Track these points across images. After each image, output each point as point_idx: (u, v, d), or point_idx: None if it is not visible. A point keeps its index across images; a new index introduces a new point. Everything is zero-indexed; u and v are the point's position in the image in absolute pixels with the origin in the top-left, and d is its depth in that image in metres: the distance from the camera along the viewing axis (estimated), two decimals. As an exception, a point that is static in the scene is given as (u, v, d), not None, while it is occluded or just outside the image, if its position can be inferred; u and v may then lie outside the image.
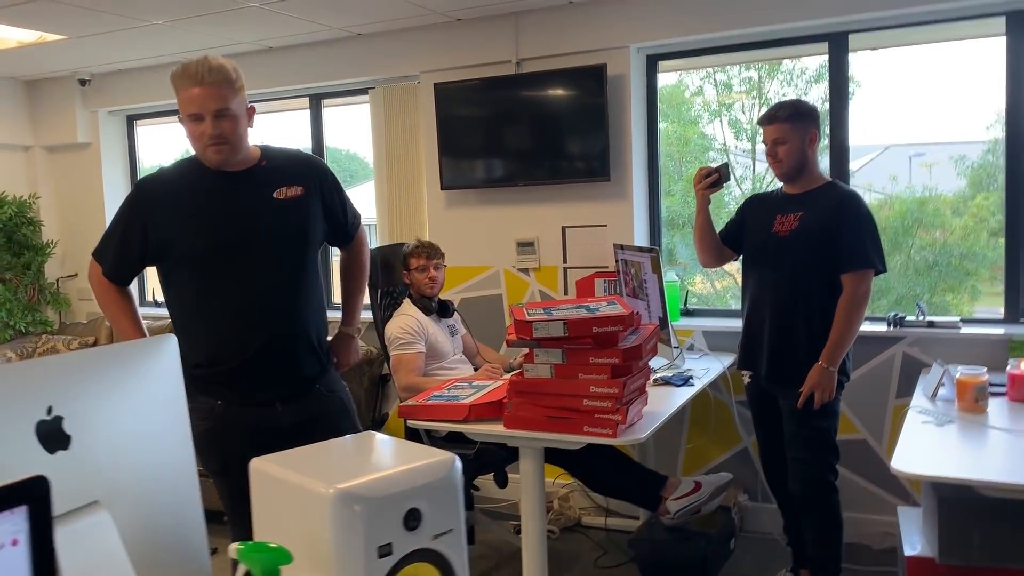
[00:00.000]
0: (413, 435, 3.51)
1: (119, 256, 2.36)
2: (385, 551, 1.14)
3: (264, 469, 1.26)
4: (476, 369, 3.58)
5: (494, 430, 2.64)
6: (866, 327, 3.66)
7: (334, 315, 2.67)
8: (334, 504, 1.12)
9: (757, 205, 3.21)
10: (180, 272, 2.35)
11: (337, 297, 2.83)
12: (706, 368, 3.42)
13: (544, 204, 4.18)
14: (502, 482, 3.52)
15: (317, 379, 2.47)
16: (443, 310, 3.61)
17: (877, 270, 2.93)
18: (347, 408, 2.54)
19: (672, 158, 4.73)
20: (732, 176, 3.25)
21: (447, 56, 4.28)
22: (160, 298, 5.60)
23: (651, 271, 3.38)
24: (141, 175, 5.54)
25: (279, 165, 2.41)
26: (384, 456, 1.31)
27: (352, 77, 4.57)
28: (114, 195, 5.49)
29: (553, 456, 3.02)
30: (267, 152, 2.42)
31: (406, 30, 4.35)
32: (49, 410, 1.21)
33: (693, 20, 3.81)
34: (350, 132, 5.37)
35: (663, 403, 2.91)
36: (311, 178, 2.43)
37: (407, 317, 3.48)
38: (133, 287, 2.46)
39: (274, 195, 2.35)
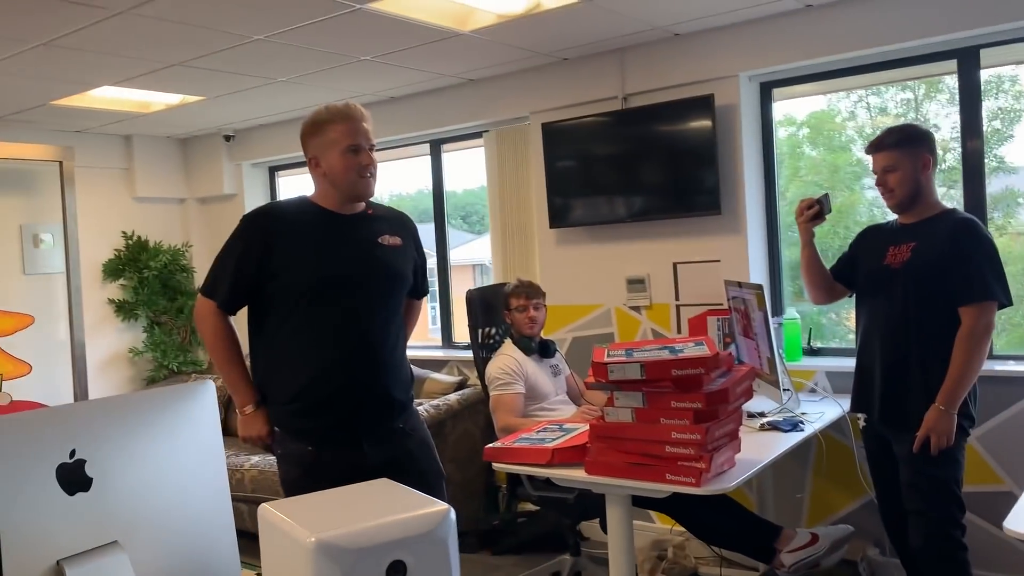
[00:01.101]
0: (515, 479, 3.49)
1: (235, 281, 2.40)
2: (365, 604, 1.12)
3: (266, 515, 1.27)
4: (581, 410, 3.52)
5: (576, 476, 2.57)
6: (1011, 367, 3.33)
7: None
8: (314, 554, 1.12)
9: (870, 237, 3.01)
10: (284, 304, 2.40)
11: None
12: (821, 412, 3.20)
13: (655, 240, 4.09)
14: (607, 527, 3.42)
15: (403, 417, 2.51)
16: (544, 350, 3.58)
17: (1000, 303, 2.66)
18: (429, 446, 2.58)
19: (821, 187, 4.51)
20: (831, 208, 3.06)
21: (555, 96, 4.30)
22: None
23: (757, 309, 3.21)
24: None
25: (382, 215, 2.57)
26: (381, 505, 1.29)
27: (467, 121, 4.67)
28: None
29: (661, 503, 2.91)
30: (370, 203, 2.55)
31: (515, 73, 4.41)
32: (72, 453, 1.28)
33: (806, 44, 3.64)
34: (470, 176, 5.48)
35: (764, 450, 2.74)
36: (407, 233, 2.59)
37: (507, 357, 3.47)
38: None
39: (379, 240, 2.49)
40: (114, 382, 5.61)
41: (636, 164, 4.03)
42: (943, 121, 3.92)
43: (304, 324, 2.40)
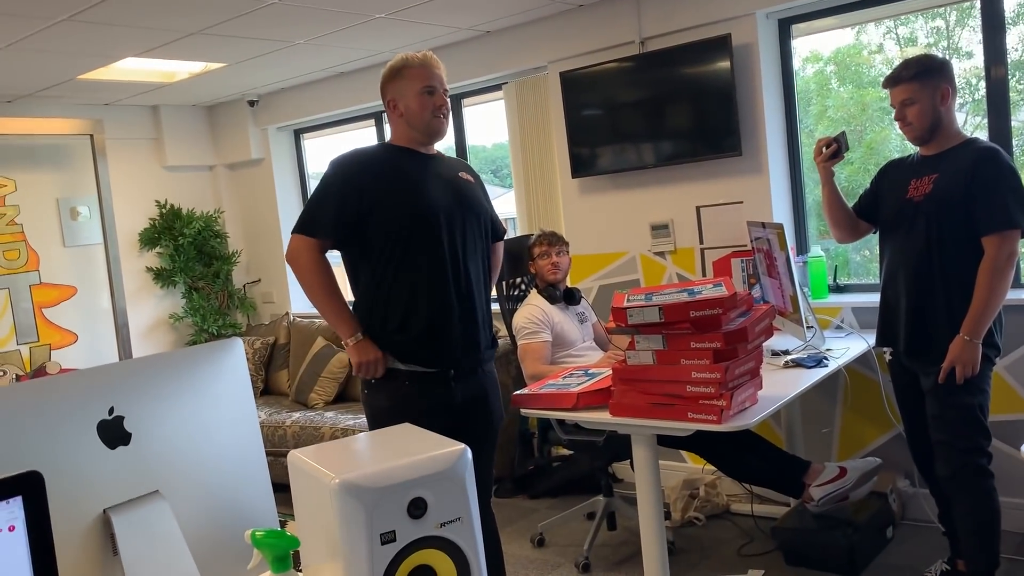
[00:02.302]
0: (546, 424, 3.57)
1: (338, 216, 2.47)
2: (389, 538, 1.20)
3: (295, 460, 1.35)
4: (609, 356, 3.58)
5: (601, 418, 2.64)
6: (1036, 295, 3.31)
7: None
8: (338, 493, 1.19)
9: (891, 172, 2.98)
10: (383, 243, 2.48)
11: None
12: (847, 348, 3.22)
13: (677, 185, 4.09)
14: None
15: (486, 355, 2.66)
16: (569, 298, 3.63)
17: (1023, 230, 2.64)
18: (498, 387, 2.73)
19: (849, 124, 4.46)
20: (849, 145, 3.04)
21: (572, 44, 4.28)
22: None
23: (779, 248, 3.22)
24: (309, 183, 5.98)
25: (449, 157, 2.72)
26: (402, 448, 1.36)
27: (486, 74, 4.68)
28: (287, 205, 5.95)
29: (689, 442, 2.97)
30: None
31: (531, 22, 4.40)
32: (111, 410, 1.37)
33: (823, -23, 3.58)
34: (493, 130, 5.50)
35: (788, 386, 2.78)
36: (474, 174, 2.74)
37: (532, 307, 3.53)
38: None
39: (460, 175, 2.63)
40: (157, 347, 5.78)
41: (656, 109, 4.02)
42: (976, 48, 3.83)
43: (403, 262, 2.48)
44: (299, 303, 6.02)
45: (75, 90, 4.97)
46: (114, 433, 1.36)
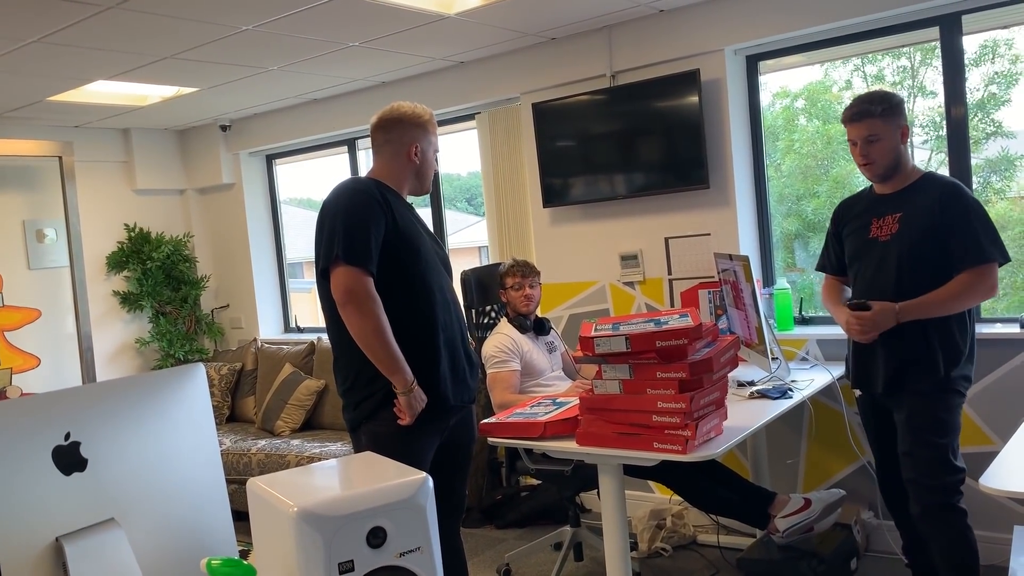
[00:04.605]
0: (514, 453, 3.56)
1: (376, 246, 2.47)
2: (347, 567, 1.19)
3: (254, 487, 1.34)
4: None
5: (568, 447, 2.64)
6: (997, 329, 3.37)
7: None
8: (296, 521, 1.18)
9: (846, 214, 2.98)
10: (395, 276, 2.52)
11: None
12: (811, 379, 3.26)
13: (646, 216, 4.13)
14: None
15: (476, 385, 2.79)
16: (539, 327, 3.64)
17: (999, 262, 2.67)
18: (474, 416, 2.83)
19: (815, 157, 4.54)
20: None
21: (544, 75, 4.33)
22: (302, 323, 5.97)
23: (745, 280, 3.26)
24: (280, 209, 5.96)
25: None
26: (363, 476, 1.36)
27: (458, 104, 4.71)
28: (257, 229, 5.92)
29: (655, 472, 2.97)
30: None
31: (504, 54, 4.44)
32: (67, 436, 1.35)
33: (789, 15, 3.66)
34: (466, 159, 5.53)
35: (753, 417, 2.80)
36: None
37: (502, 336, 3.53)
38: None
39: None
40: (122, 372, 5.70)
41: (626, 141, 4.07)
42: (940, 87, 3.94)
43: (416, 296, 2.55)
44: (268, 329, 5.98)
45: (44, 111, 4.94)
46: (70, 459, 1.34)
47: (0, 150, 5.04)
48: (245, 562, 1.18)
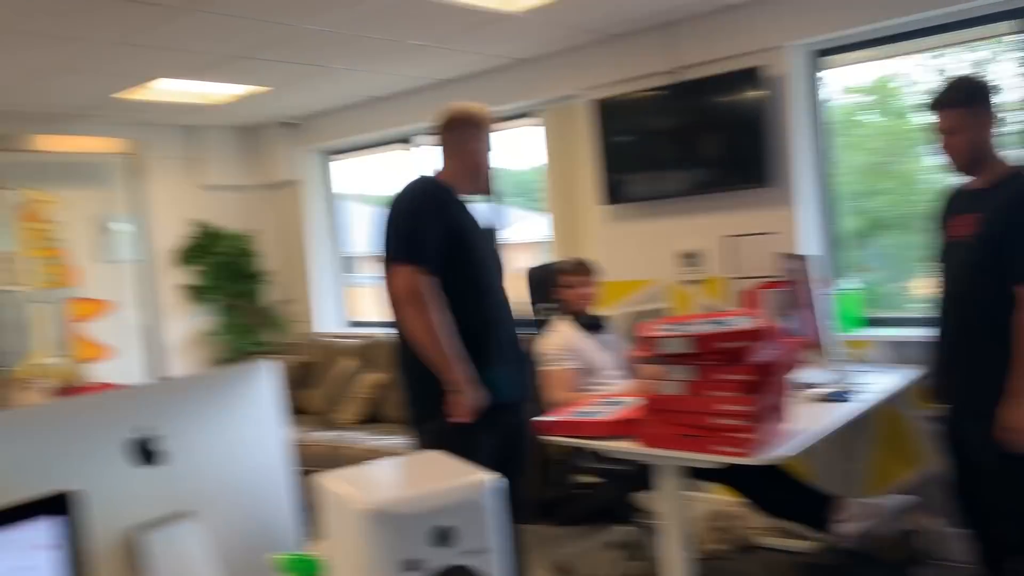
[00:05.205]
0: (573, 451, 3.56)
1: (434, 246, 2.51)
2: (413, 566, 1.21)
3: (324, 483, 1.36)
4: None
5: (629, 448, 2.63)
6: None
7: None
8: (364, 518, 1.20)
9: (942, 205, 2.81)
10: (454, 275, 2.56)
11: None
12: (877, 382, 3.19)
13: (708, 214, 4.08)
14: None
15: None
16: (596, 326, 3.63)
17: None
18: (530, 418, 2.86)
19: (881, 153, 4.44)
20: None
21: (606, 72, 4.31)
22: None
23: (810, 280, 3.20)
24: (339, 205, 6.06)
25: None
26: (431, 474, 1.37)
27: (518, 101, 4.71)
28: (317, 225, 6.03)
29: (715, 474, 2.94)
30: None
31: (565, 51, 4.43)
32: (144, 430, 1.39)
33: (856, 10, 3.58)
34: (528, 154, 5.56)
35: (818, 421, 2.75)
36: None
37: (559, 334, 3.53)
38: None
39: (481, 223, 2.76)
40: (190, 364, 5.84)
41: (688, 138, 4.03)
42: (1014, 82, 3.80)
43: (471, 295, 2.58)
44: (328, 322, 6.08)
45: (115, 109, 5.09)
46: (146, 453, 1.38)
47: (74, 147, 5.23)
48: (313, 557, 1.20)
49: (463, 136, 2.67)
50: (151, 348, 5.33)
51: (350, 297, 6.24)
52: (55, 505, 0.96)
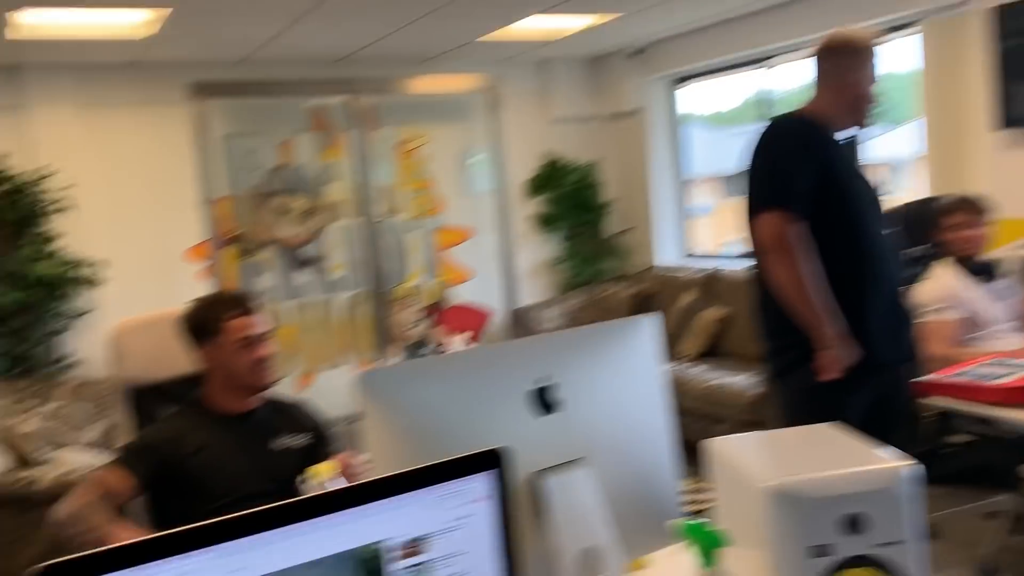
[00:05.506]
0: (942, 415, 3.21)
1: (804, 190, 2.33)
2: (821, 552, 1.14)
3: (720, 450, 1.33)
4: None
5: (1030, 418, 2.30)
6: None
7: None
8: (769, 499, 1.15)
9: None
10: (833, 222, 2.38)
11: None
12: None
13: None
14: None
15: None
16: (986, 272, 3.19)
17: None
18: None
19: None
20: None
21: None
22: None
23: None
24: (682, 134, 5.95)
25: None
26: (837, 453, 1.28)
27: (894, 13, 4.21)
28: (659, 154, 5.98)
29: None
30: None
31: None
32: (542, 379, 1.45)
33: None
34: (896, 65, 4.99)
35: None
36: None
37: (940, 281, 3.16)
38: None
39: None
40: (538, 288, 6.18)
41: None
42: None
43: (847, 243, 2.37)
44: (667, 254, 6.06)
45: (474, 50, 5.38)
46: (545, 401, 1.44)
47: (440, 87, 5.65)
48: (716, 529, 1.18)
49: (842, 66, 2.42)
50: (505, 273, 5.70)
51: (691, 228, 6.15)
52: (489, 460, 1.02)
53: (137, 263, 4.88)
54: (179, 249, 5.05)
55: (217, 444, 2.08)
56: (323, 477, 1.62)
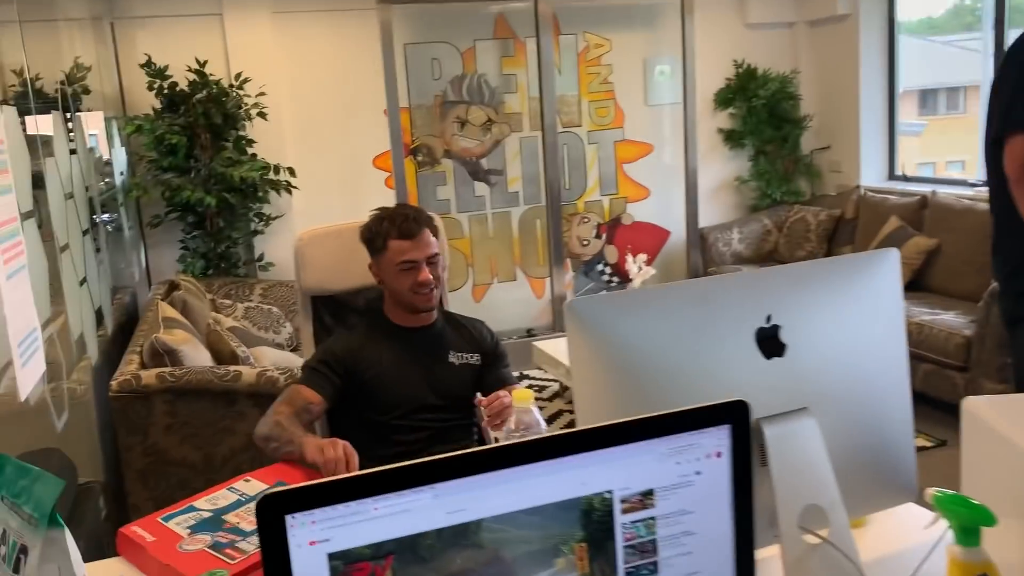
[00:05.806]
0: None
1: None
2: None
3: (976, 412, 1.15)
4: None
5: None
6: None
7: None
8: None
9: None
10: None
11: None
12: None
13: None
14: None
15: None
16: None
17: None
18: None
19: None
20: None
21: None
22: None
23: None
24: (899, 44, 5.37)
25: None
26: None
27: None
28: (870, 65, 5.43)
29: None
30: None
31: None
32: (768, 318, 1.30)
33: None
34: None
35: None
36: None
37: None
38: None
39: None
40: (721, 208, 5.88)
41: None
42: None
43: None
44: (871, 175, 5.57)
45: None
46: (771, 343, 1.29)
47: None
48: (986, 509, 1.01)
49: None
50: (686, 191, 5.44)
51: (901, 148, 5.61)
52: (730, 412, 0.90)
53: (325, 170, 5.01)
54: (366, 157, 5.14)
55: (393, 356, 2.08)
56: (526, 404, 1.55)
